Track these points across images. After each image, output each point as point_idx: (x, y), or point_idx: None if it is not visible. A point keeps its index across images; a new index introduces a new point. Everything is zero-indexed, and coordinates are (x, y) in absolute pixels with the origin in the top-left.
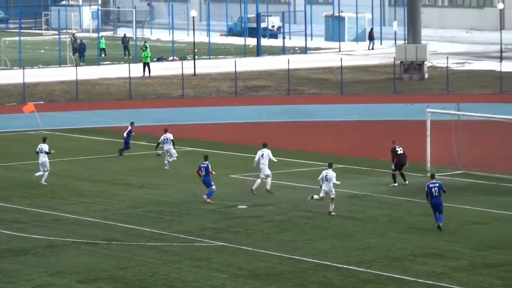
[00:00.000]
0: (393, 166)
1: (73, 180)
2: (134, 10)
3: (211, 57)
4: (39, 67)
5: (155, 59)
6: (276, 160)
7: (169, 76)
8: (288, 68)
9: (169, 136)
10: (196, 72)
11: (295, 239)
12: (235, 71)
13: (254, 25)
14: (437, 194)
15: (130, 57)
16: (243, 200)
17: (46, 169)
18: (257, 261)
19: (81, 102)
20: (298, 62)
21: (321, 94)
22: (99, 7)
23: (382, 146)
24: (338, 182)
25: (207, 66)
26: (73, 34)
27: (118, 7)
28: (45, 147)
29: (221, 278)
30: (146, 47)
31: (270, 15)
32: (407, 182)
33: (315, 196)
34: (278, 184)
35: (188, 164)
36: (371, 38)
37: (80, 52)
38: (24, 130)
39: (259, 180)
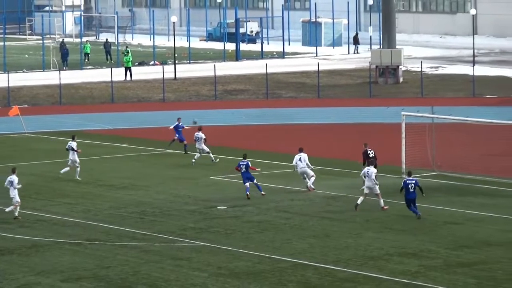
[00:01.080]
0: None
1: (57, 181)
2: (116, 15)
3: (191, 61)
4: (23, 71)
5: (136, 63)
6: (311, 166)
7: (150, 80)
8: (266, 72)
9: (201, 135)
10: (177, 76)
11: (274, 239)
12: (215, 75)
13: (233, 30)
14: (412, 190)
15: (112, 61)
16: (223, 201)
17: (77, 165)
18: (237, 260)
19: (64, 105)
20: (276, 66)
21: (299, 97)
22: (82, 13)
23: (358, 148)
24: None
25: (187, 70)
26: (62, 40)
27: (100, 13)
28: (73, 144)
29: (202, 277)
30: (128, 52)
31: (249, 21)
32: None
33: (360, 199)
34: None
35: (169, 166)
36: (356, 42)
37: (64, 56)
38: (8, 133)
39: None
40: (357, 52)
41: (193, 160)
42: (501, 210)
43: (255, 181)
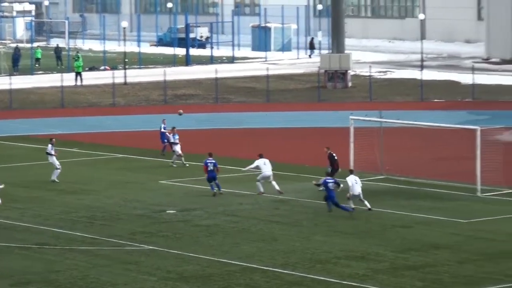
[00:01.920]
0: (329, 171)
1: (7, 186)
2: (66, 21)
3: (141, 66)
4: None
5: (87, 68)
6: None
7: (100, 85)
8: (216, 77)
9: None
10: (127, 81)
11: (223, 242)
12: (165, 80)
13: (183, 35)
14: (332, 188)
15: (63, 66)
16: (172, 205)
17: (57, 167)
18: (186, 264)
19: (15, 110)
20: (225, 71)
21: (248, 102)
22: (33, 19)
23: (307, 152)
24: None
25: (137, 75)
26: (17, 46)
27: (51, 18)
28: (48, 148)
29: (151, 281)
30: (79, 57)
31: (199, 26)
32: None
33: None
34: (205, 190)
35: (118, 170)
36: (312, 47)
37: (15, 61)
38: None
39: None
40: (310, 57)
41: (173, 164)
42: (449, 214)
43: (216, 180)
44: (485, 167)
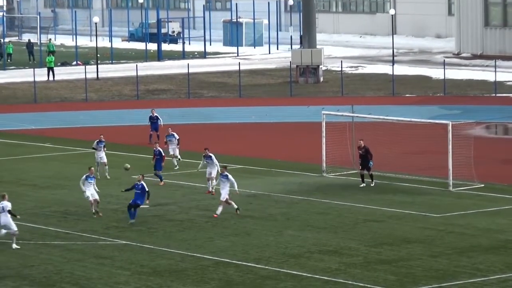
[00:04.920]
0: (360, 166)
1: None
2: (38, 16)
3: (113, 61)
4: None
5: (59, 64)
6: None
7: (72, 80)
8: (188, 72)
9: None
10: (99, 76)
11: (196, 237)
12: (137, 75)
13: (155, 30)
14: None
15: (35, 62)
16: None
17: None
18: (159, 258)
19: None
20: (197, 66)
21: (220, 97)
22: (4, 13)
23: (279, 147)
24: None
25: (109, 70)
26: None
27: (22, 14)
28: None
29: (124, 275)
30: (52, 46)
31: (170, 21)
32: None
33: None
34: (177, 184)
35: (91, 165)
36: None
37: None
38: None
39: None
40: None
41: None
42: (420, 208)
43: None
44: (456, 161)
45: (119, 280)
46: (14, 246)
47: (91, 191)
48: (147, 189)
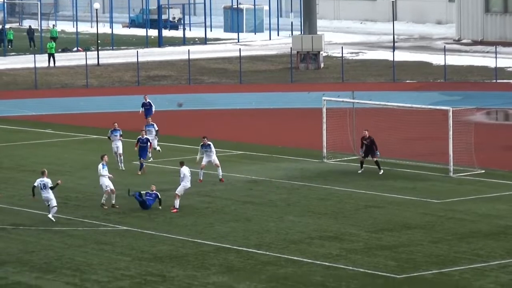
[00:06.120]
0: (361, 153)
1: None
2: (39, 2)
3: (114, 48)
4: None
5: (59, 50)
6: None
7: (73, 67)
8: (189, 58)
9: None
10: (100, 62)
11: (197, 223)
12: (137, 61)
13: (156, 16)
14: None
15: (36, 48)
16: (146, 186)
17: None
18: (160, 244)
19: None
20: (198, 52)
21: (221, 83)
22: (5, 0)
23: (279, 133)
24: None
25: (110, 56)
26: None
27: (23, 0)
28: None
29: (125, 261)
30: (55, 32)
31: (171, 7)
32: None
33: None
34: (178, 170)
35: (92, 151)
36: None
37: None
38: None
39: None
40: None
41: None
42: (420, 194)
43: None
44: (457, 147)
45: (119, 266)
46: (50, 216)
47: (107, 182)
48: (159, 197)
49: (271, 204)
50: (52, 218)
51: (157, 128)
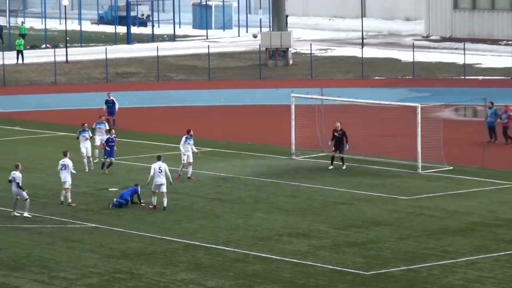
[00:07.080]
0: (330, 144)
1: None
2: None
3: (82, 44)
4: None
5: (28, 47)
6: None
7: (42, 63)
8: (157, 55)
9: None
10: (68, 59)
11: (165, 220)
12: (106, 58)
13: (124, 13)
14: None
15: (4, 45)
16: (114, 183)
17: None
18: (129, 241)
19: None
20: (167, 49)
21: (189, 80)
22: None
23: (248, 130)
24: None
25: (79, 53)
26: None
27: None
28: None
29: (94, 258)
30: (24, 29)
31: (140, 4)
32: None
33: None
34: (146, 167)
35: (60, 148)
36: None
37: None
38: None
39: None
40: None
41: None
42: (389, 190)
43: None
44: (425, 144)
45: (88, 263)
46: (26, 214)
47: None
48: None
49: (240, 201)
50: (29, 215)
51: (107, 128)
